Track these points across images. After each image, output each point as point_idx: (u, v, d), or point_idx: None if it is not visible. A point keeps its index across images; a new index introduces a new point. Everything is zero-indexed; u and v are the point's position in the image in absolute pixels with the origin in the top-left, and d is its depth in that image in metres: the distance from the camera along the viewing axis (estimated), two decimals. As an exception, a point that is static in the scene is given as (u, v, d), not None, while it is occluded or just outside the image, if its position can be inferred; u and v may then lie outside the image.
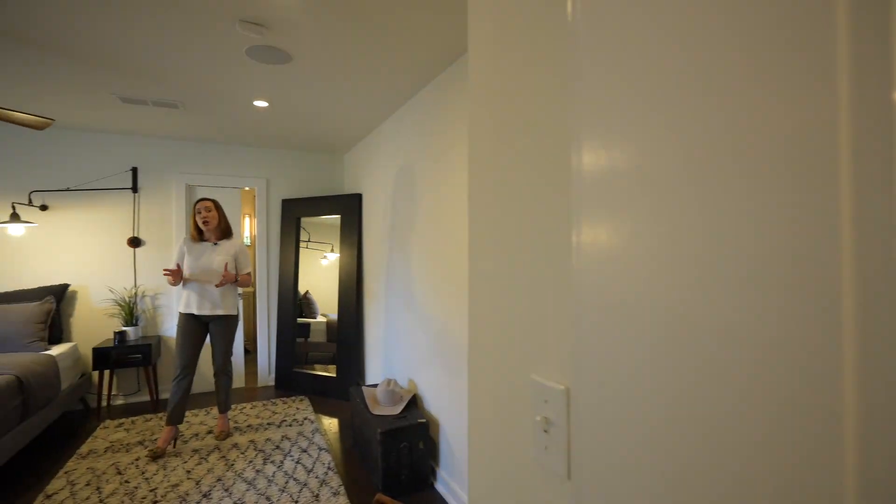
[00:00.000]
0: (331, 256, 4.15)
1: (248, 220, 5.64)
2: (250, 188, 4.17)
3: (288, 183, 4.30)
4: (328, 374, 3.91)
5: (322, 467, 2.57)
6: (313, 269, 4.20)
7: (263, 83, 2.56)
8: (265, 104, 2.92)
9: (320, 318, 4.18)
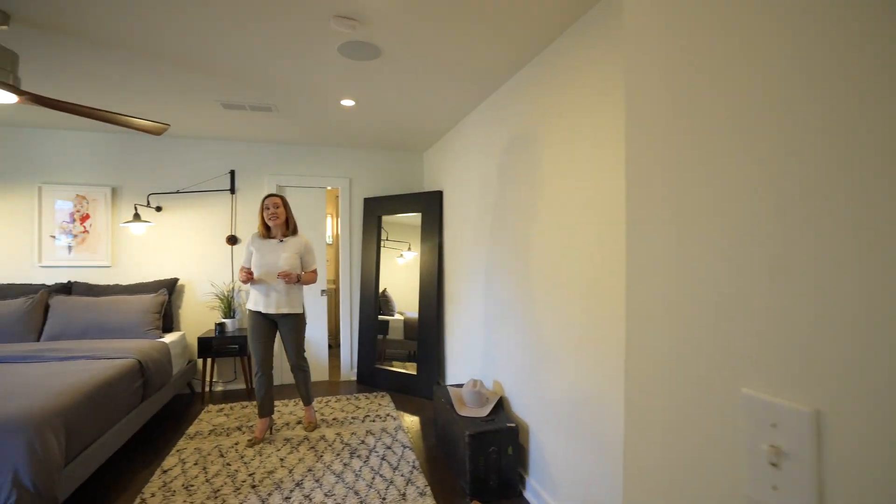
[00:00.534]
0: (407, 255, 4.17)
1: (329, 220, 5.87)
2: (333, 188, 4.31)
3: (370, 182, 4.39)
4: (408, 372, 3.92)
5: (407, 465, 2.55)
6: (390, 267, 4.25)
7: (352, 81, 2.60)
8: (352, 103, 2.97)
9: (397, 316, 4.21)
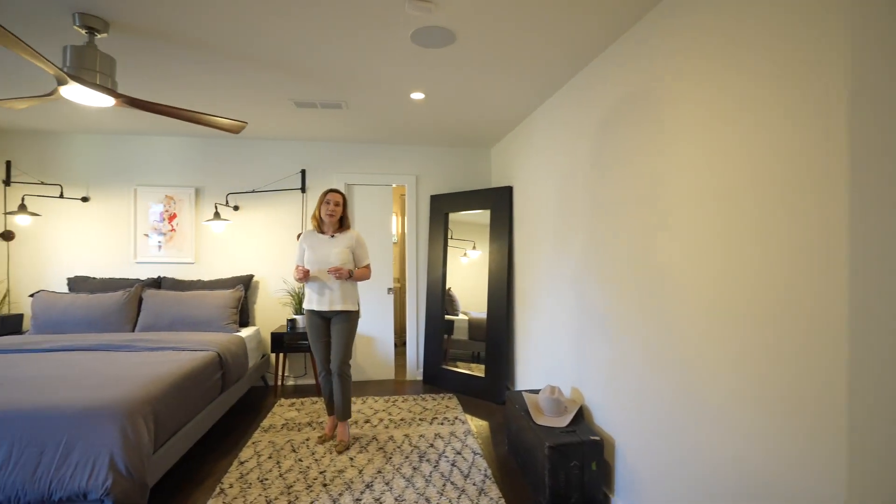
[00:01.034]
0: (472, 254, 4.04)
1: (394, 218, 5.88)
2: (400, 185, 4.27)
3: (437, 179, 4.32)
4: (475, 374, 3.79)
5: (479, 474, 2.41)
6: (454, 266, 4.15)
7: (423, 72, 2.51)
8: (422, 96, 2.89)
9: (462, 316, 4.09)
